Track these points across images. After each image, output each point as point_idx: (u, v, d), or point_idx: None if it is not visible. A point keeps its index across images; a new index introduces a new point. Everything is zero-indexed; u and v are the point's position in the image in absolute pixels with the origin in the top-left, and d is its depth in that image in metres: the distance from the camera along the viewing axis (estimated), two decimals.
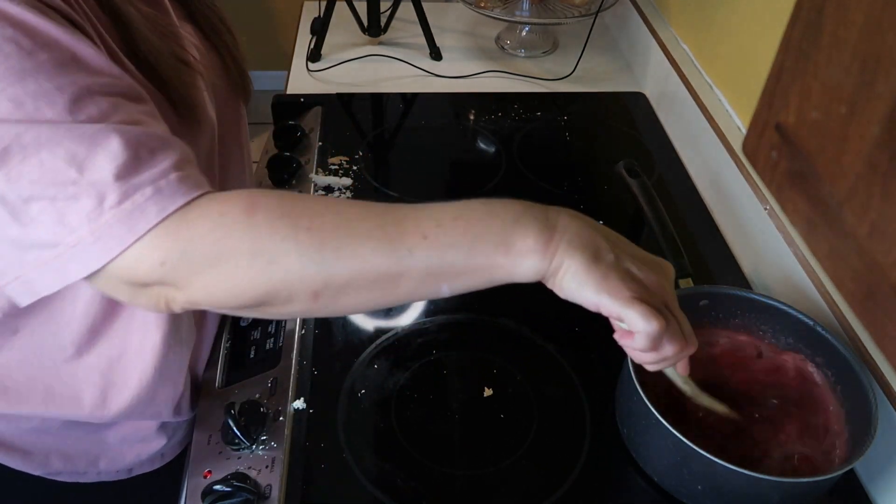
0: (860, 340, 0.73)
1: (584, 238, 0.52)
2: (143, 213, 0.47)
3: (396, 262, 0.50)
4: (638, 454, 0.72)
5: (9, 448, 0.71)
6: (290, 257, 0.49)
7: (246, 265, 0.49)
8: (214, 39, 0.74)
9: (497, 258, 0.51)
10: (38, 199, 0.47)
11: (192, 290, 0.50)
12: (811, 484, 0.64)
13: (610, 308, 0.52)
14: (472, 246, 0.51)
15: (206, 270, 0.49)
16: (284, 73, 1.31)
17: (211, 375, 0.78)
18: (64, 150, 0.46)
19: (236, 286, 0.49)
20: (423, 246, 0.50)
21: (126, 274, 0.49)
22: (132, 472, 0.77)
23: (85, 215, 0.47)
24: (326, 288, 0.50)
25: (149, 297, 0.51)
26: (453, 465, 0.72)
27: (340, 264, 0.49)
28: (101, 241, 0.47)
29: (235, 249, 0.48)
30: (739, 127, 1.01)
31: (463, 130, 1.22)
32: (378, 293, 0.51)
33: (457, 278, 0.52)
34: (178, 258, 0.48)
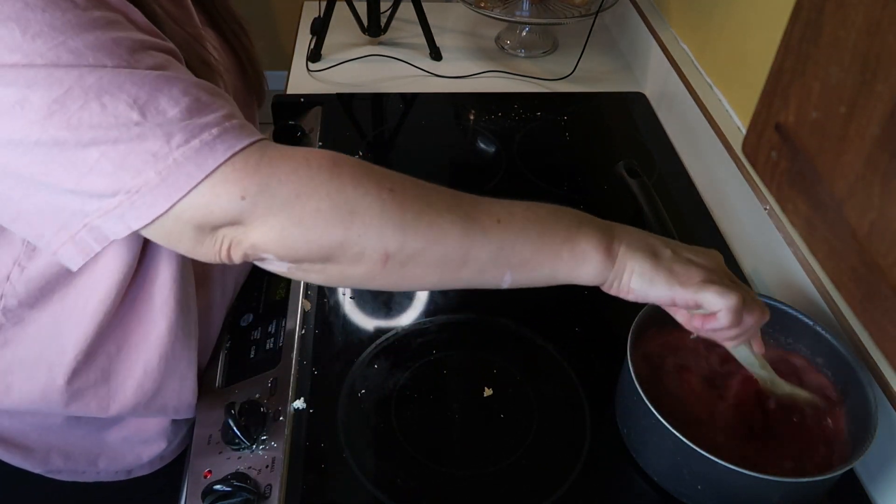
0: (860, 340, 0.73)
1: (642, 241, 0.56)
2: (211, 150, 0.47)
3: (470, 240, 0.50)
4: (638, 454, 0.72)
5: (10, 444, 0.71)
6: (372, 212, 0.48)
7: (327, 210, 0.48)
8: (234, 42, 0.76)
9: (562, 254, 0.53)
10: (100, 143, 0.46)
11: (265, 230, 0.48)
12: (811, 484, 0.64)
13: (685, 297, 0.54)
14: (540, 237, 0.52)
15: (285, 209, 0.48)
16: (284, 73, 1.31)
17: (211, 375, 0.78)
18: (126, 94, 0.46)
19: (312, 230, 0.48)
20: (497, 229, 0.51)
21: (200, 214, 0.48)
22: (131, 474, 0.77)
23: (151, 156, 0.46)
24: (399, 252, 0.50)
25: (213, 242, 0.50)
26: (453, 465, 0.72)
27: (418, 230, 0.49)
28: (170, 179, 0.46)
29: (318, 193, 0.48)
30: (739, 127, 1.01)
31: (463, 130, 1.22)
32: (444, 271, 0.52)
33: (521, 268, 0.53)
34: (259, 192, 0.47)
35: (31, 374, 0.67)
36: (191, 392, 0.74)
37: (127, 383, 0.69)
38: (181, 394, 0.73)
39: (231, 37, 0.76)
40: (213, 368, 0.79)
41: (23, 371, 0.67)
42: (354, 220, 0.48)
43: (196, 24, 0.68)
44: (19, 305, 0.64)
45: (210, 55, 0.67)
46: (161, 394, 0.71)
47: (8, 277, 0.61)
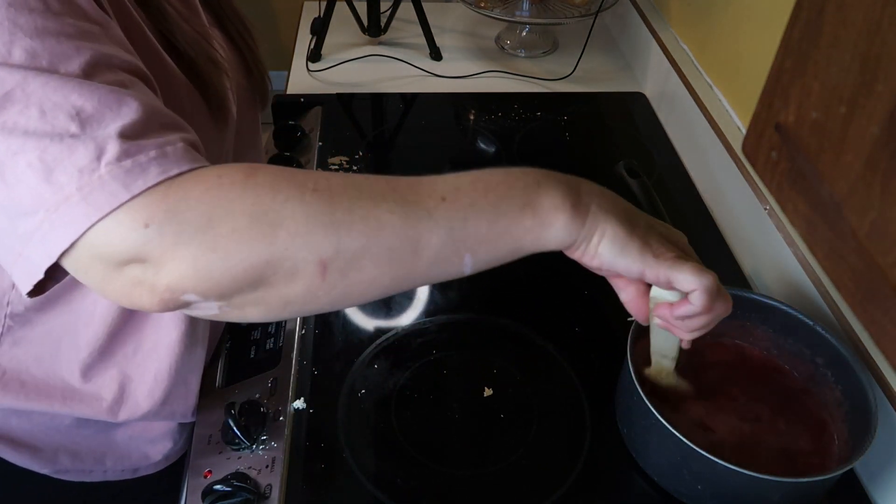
0: (860, 340, 0.73)
1: (612, 202, 0.50)
2: (143, 171, 0.42)
3: (414, 225, 0.45)
4: (638, 454, 0.72)
5: (18, 445, 0.71)
6: (296, 219, 0.43)
7: (244, 228, 0.42)
8: (239, 42, 0.76)
9: (524, 220, 0.47)
10: (29, 151, 0.41)
11: (177, 264, 0.42)
12: (811, 484, 0.64)
13: (657, 272, 0.49)
14: (495, 207, 0.47)
15: (196, 236, 0.42)
16: (284, 73, 1.31)
17: (211, 375, 0.78)
18: (70, 104, 0.42)
19: (232, 254, 0.42)
20: (443, 208, 0.46)
21: (102, 243, 0.42)
22: (137, 473, 0.77)
23: (76, 170, 0.41)
24: (337, 257, 0.44)
25: (123, 281, 0.44)
26: (453, 465, 0.72)
27: (353, 227, 0.44)
28: (90, 198, 0.41)
29: (233, 210, 0.42)
30: (739, 127, 1.01)
31: (463, 130, 1.22)
32: (394, 268, 0.46)
33: (480, 246, 0.47)
34: (166, 219, 0.41)
35: (43, 374, 0.67)
36: (195, 397, 0.74)
37: (139, 389, 0.70)
38: (187, 399, 0.74)
39: (236, 37, 0.76)
40: (213, 368, 0.79)
41: (35, 370, 0.67)
42: (278, 231, 0.42)
43: (203, 23, 0.68)
44: (26, 310, 0.64)
45: (217, 53, 0.67)
46: (170, 400, 0.72)
47: (13, 286, 0.61)
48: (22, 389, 0.67)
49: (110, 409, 0.69)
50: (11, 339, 0.65)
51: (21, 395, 0.67)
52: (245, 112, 0.76)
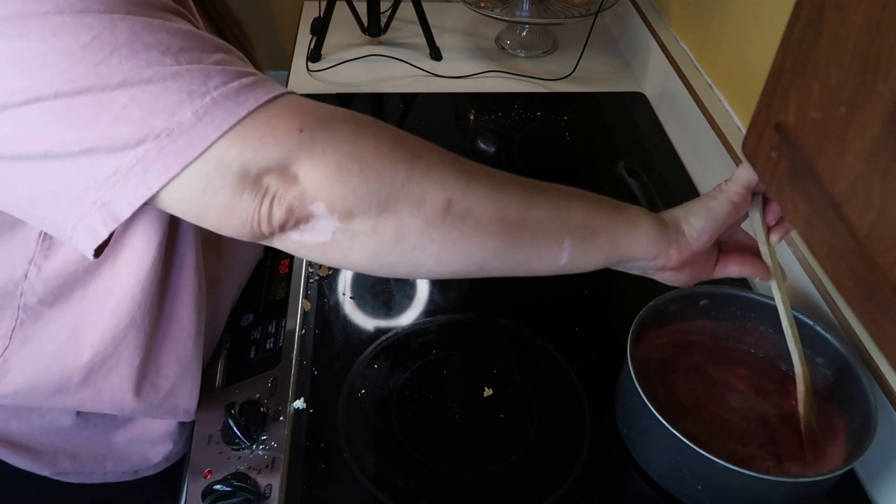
0: (860, 340, 0.73)
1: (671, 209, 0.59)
2: (252, 91, 0.43)
3: (530, 193, 0.51)
4: (638, 454, 0.72)
5: (18, 447, 0.71)
6: (433, 157, 0.48)
7: (388, 149, 0.46)
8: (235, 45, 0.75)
9: (616, 218, 0.54)
10: (130, 85, 0.41)
11: (320, 168, 0.44)
12: (811, 484, 0.64)
13: (736, 187, 0.57)
14: (593, 203, 0.53)
15: (344, 146, 0.44)
16: (284, 73, 1.31)
17: (211, 375, 0.78)
18: (160, 42, 0.42)
19: (372, 167, 0.45)
20: (553, 190, 0.52)
21: (249, 151, 0.43)
22: (137, 475, 0.77)
23: (187, 94, 0.42)
24: (463, 199, 0.48)
25: (255, 194, 0.44)
26: (453, 465, 0.72)
27: (481, 179, 0.49)
28: (207, 117, 0.42)
29: (378, 133, 0.46)
30: (739, 127, 1.01)
31: (463, 130, 1.22)
32: (502, 232, 0.49)
33: (580, 232, 0.52)
34: (319, 126, 0.44)
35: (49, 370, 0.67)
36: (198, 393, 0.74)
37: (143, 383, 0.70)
38: (192, 394, 0.74)
39: (232, 40, 0.76)
40: (213, 368, 0.79)
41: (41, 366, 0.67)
42: (416, 161, 0.47)
43: (200, 26, 0.68)
44: (39, 303, 0.63)
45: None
46: (174, 394, 0.72)
47: (26, 276, 0.61)
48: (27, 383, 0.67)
49: (114, 404, 0.69)
50: (22, 335, 0.65)
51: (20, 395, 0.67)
52: None
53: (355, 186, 0.45)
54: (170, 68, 0.42)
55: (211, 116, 0.42)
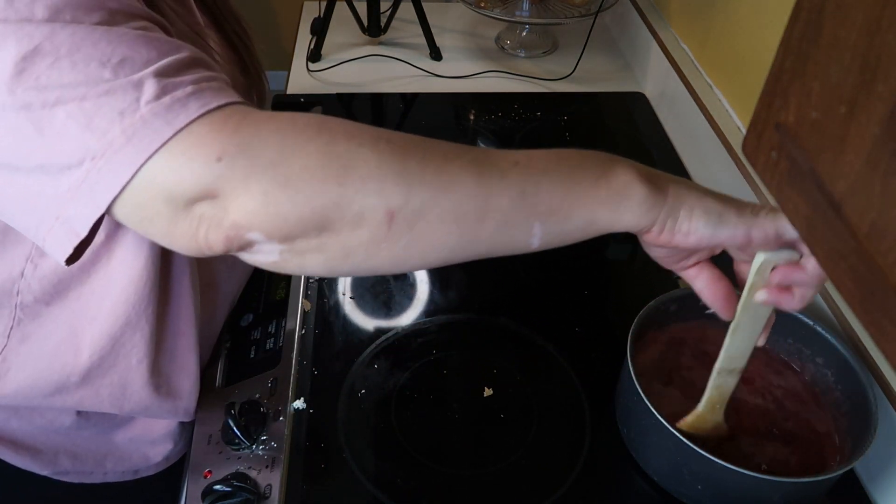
0: (860, 340, 0.73)
1: (689, 183, 0.48)
2: (184, 106, 0.41)
3: (486, 183, 0.44)
4: (638, 454, 0.72)
5: (18, 446, 0.71)
6: (368, 163, 0.42)
7: (316, 166, 0.41)
8: (235, 42, 0.76)
9: (598, 191, 0.45)
10: (66, 101, 0.41)
11: (247, 199, 0.41)
12: (811, 484, 0.64)
13: (765, 227, 0.47)
14: (569, 176, 0.45)
15: (268, 170, 0.41)
16: (284, 73, 1.31)
17: (211, 375, 0.78)
18: (100, 52, 0.42)
19: (301, 191, 0.41)
20: (516, 171, 0.45)
21: (170, 181, 0.41)
22: (137, 474, 0.77)
23: (118, 113, 0.41)
24: (405, 207, 0.43)
25: (189, 222, 0.43)
26: (453, 465, 0.72)
27: (424, 179, 0.43)
28: (135, 139, 0.41)
29: (306, 149, 0.42)
30: (739, 127, 1.01)
31: (463, 130, 1.22)
32: (462, 227, 0.44)
33: (552, 216, 0.45)
34: (239, 152, 0.41)
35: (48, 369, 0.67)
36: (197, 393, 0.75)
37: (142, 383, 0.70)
38: (191, 394, 0.74)
39: (233, 35, 0.76)
40: (213, 368, 0.79)
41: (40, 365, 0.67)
42: (349, 174, 0.42)
43: (198, 21, 0.68)
44: (35, 302, 0.63)
45: (212, 51, 0.67)
46: (172, 393, 0.72)
47: (22, 274, 0.61)
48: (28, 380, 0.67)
49: (113, 403, 0.69)
50: (20, 334, 0.65)
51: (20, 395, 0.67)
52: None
53: (286, 214, 0.42)
54: (104, 85, 0.41)
55: (139, 137, 0.41)
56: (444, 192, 0.43)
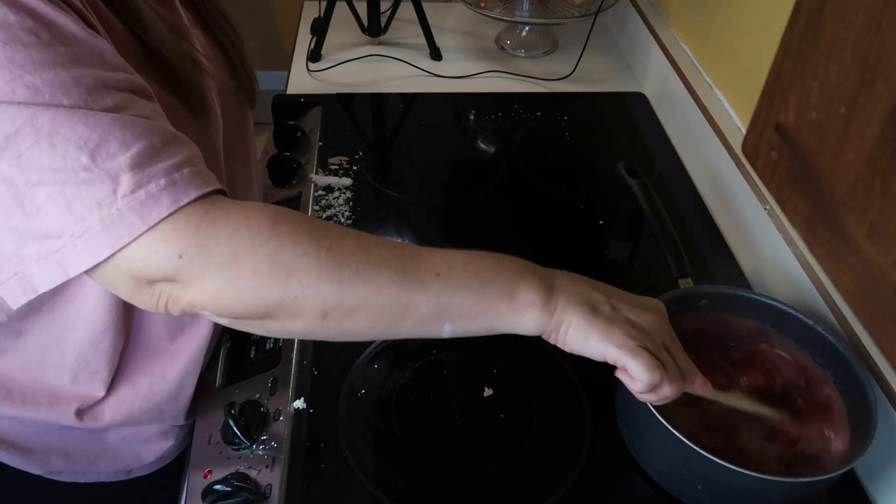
0: (860, 340, 0.73)
1: (581, 294, 0.56)
2: (156, 202, 0.46)
3: (408, 293, 0.51)
4: (638, 454, 0.72)
5: (9, 446, 0.71)
6: (309, 272, 0.49)
7: (264, 271, 0.48)
8: (223, 41, 0.75)
9: (502, 306, 0.54)
10: (48, 184, 0.45)
11: (201, 290, 0.49)
12: (811, 484, 0.64)
13: (616, 357, 0.55)
14: (481, 291, 0.53)
15: (221, 270, 0.48)
16: (284, 73, 1.31)
17: (211, 375, 0.78)
18: (78, 136, 0.46)
19: (248, 291, 0.49)
20: (436, 283, 0.52)
21: (137, 266, 0.48)
22: (131, 474, 0.77)
23: (95, 202, 0.45)
24: (337, 308, 0.50)
25: (150, 295, 0.50)
26: (453, 465, 0.72)
27: (356, 287, 0.50)
28: (111, 229, 0.46)
29: (256, 254, 0.48)
30: (739, 127, 1.01)
31: (463, 130, 1.22)
32: (384, 323, 0.52)
33: (460, 319, 0.53)
34: (197, 252, 0.47)
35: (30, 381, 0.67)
36: (187, 400, 0.74)
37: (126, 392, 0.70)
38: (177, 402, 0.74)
39: (221, 36, 0.75)
40: (213, 368, 0.79)
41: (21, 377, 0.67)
42: (291, 280, 0.49)
43: (183, 22, 0.67)
44: (9, 320, 0.64)
45: (198, 53, 0.67)
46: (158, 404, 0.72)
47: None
48: (7, 396, 0.67)
49: (95, 415, 0.69)
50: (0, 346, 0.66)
51: (7, 402, 0.67)
52: (232, 111, 0.76)
53: (234, 306, 0.50)
54: (83, 174, 0.45)
55: (115, 228, 0.46)
56: (373, 298, 0.51)
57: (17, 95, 0.45)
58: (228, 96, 0.75)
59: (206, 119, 0.66)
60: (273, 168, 1.03)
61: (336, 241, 0.50)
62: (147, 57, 0.60)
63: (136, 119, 0.48)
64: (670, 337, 0.59)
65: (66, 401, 0.68)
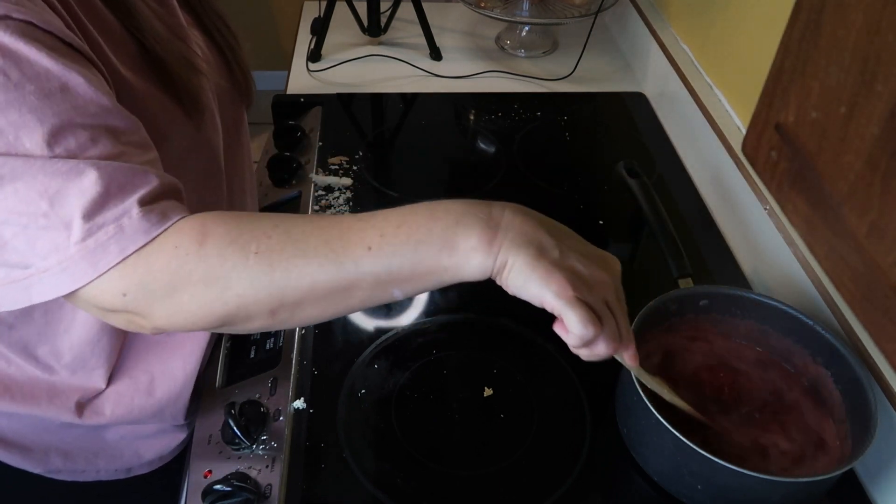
0: (860, 340, 0.73)
1: (528, 234, 0.53)
2: (104, 251, 0.49)
3: (345, 275, 0.52)
4: (638, 454, 0.72)
5: (9, 445, 0.71)
6: (242, 283, 0.51)
7: (201, 293, 0.51)
8: (220, 41, 0.76)
9: (442, 260, 0.52)
10: (12, 224, 0.49)
11: (154, 318, 0.52)
12: (811, 484, 0.64)
13: (553, 305, 0.53)
14: (415, 252, 0.52)
15: (165, 300, 0.51)
16: (284, 73, 1.31)
17: (211, 375, 0.78)
18: (38, 184, 0.48)
19: (195, 313, 0.52)
20: (369, 257, 0.52)
21: (93, 301, 0.51)
22: (131, 473, 0.77)
23: (53, 247, 0.49)
24: (281, 306, 0.52)
25: (118, 319, 0.54)
26: (453, 465, 0.72)
27: (291, 284, 0.51)
28: (68, 272, 0.49)
29: (189, 279, 0.50)
30: (739, 127, 1.01)
31: (463, 130, 1.22)
32: (333, 304, 0.53)
33: (406, 283, 0.53)
34: (138, 290, 0.50)
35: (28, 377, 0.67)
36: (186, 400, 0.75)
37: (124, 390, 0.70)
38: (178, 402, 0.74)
39: (217, 36, 0.76)
40: (213, 368, 0.79)
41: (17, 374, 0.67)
42: (229, 294, 0.51)
43: (180, 22, 0.68)
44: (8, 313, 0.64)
45: (193, 53, 0.67)
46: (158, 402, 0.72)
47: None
48: (7, 392, 0.67)
49: (95, 409, 0.69)
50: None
51: (6, 398, 0.67)
52: (228, 111, 0.76)
53: (190, 326, 0.53)
54: (42, 220, 0.49)
55: (70, 272, 0.49)
56: (310, 288, 0.52)
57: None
58: (225, 97, 0.75)
59: (200, 119, 0.66)
60: (273, 168, 1.03)
61: (262, 243, 0.51)
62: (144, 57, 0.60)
63: (98, 163, 0.50)
64: (616, 296, 0.56)
65: (65, 395, 0.68)
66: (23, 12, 0.48)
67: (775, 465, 0.68)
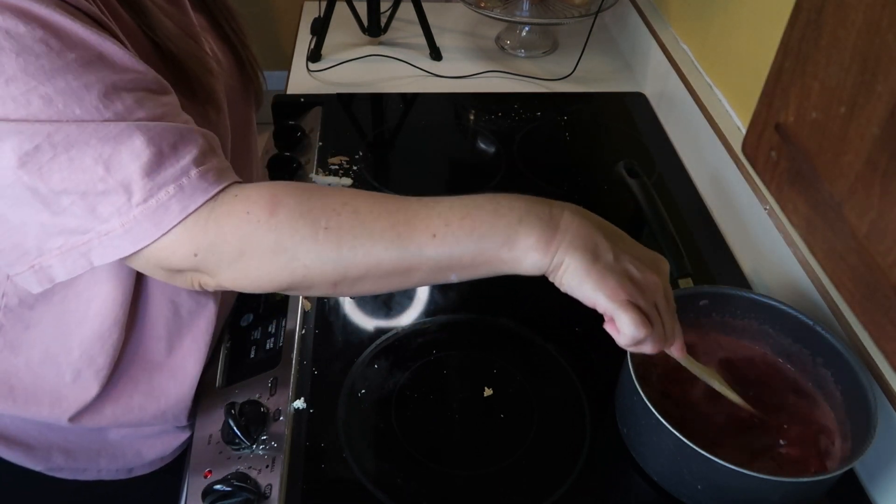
0: (860, 340, 0.73)
1: (585, 237, 0.55)
2: (167, 210, 0.51)
3: (408, 258, 0.54)
4: (638, 454, 0.72)
5: (11, 442, 0.71)
6: (310, 255, 0.53)
7: (269, 261, 0.53)
8: (233, 40, 0.76)
9: (502, 254, 0.55)
10: (70, 192, 0.50)
11: (221, 278, 0.55)
12: (811, 484, 0.64)
13: (605, 307, 0.55)
14: (478, 244, 0.54)
15: (233, 263, 0.53)
16: (284, 73, 1.31)
17: (211, 375, 0.78)
18: (92, 149, 0.49)
19: (260, 278, 0.54)
20: (433, 244, 0.54)
21: (161, 260, 0.53)
22: (132, 473, 0.77)
23: (115, 209, 0.50)
24: (344, 280, 0.55)
25: (184, 279, 0.56)
26: (453, 465, 0.72)
27: (356, 262, 0.54)
28: (131, 233, 0.51)
29: (259, 246, 0.53)
30: (739, 127, 1.01)
31: (463, 130, 1.22)
32: (392, 282, 0.56)
33: (464, 270, 0.56)
34: (208, 251, 0.53)
35: (33, 379, 0.67)
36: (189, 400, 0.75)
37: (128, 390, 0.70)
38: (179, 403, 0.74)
39: (232, 36, 0.76)
40: (213, 368, 0.79)
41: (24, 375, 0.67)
42: (295, 264, 0.53)
43: (192, 21, 0.68)
44: (20, 305, 0.64)
45: (205, 52, 0.67)
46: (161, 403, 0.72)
47: (8, 276, 0.62)
48: (10, 394, 0.67)
49: (96, 410, 0.69)
50: (3, 340, 0.66)
51: (9, 400, 0.67)
52: (238, 110, 0.76)
53: (253, 288, 0.56)
54: (100, 184, 0.50)
55: (134, 233, 0.51)
56: (374, 267, 0.54)
57: (33, 107, 0.48)
58: (236, 96, 0.75)
59: (216, 118, 0.66)
60: (273, 168, 1.03)
61: (332, 220, 0.53)
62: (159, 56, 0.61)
63: (146, 124, 0.51)
64: (665, 297, 0.58)
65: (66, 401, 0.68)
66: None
67: (775, 464, 0.68)
